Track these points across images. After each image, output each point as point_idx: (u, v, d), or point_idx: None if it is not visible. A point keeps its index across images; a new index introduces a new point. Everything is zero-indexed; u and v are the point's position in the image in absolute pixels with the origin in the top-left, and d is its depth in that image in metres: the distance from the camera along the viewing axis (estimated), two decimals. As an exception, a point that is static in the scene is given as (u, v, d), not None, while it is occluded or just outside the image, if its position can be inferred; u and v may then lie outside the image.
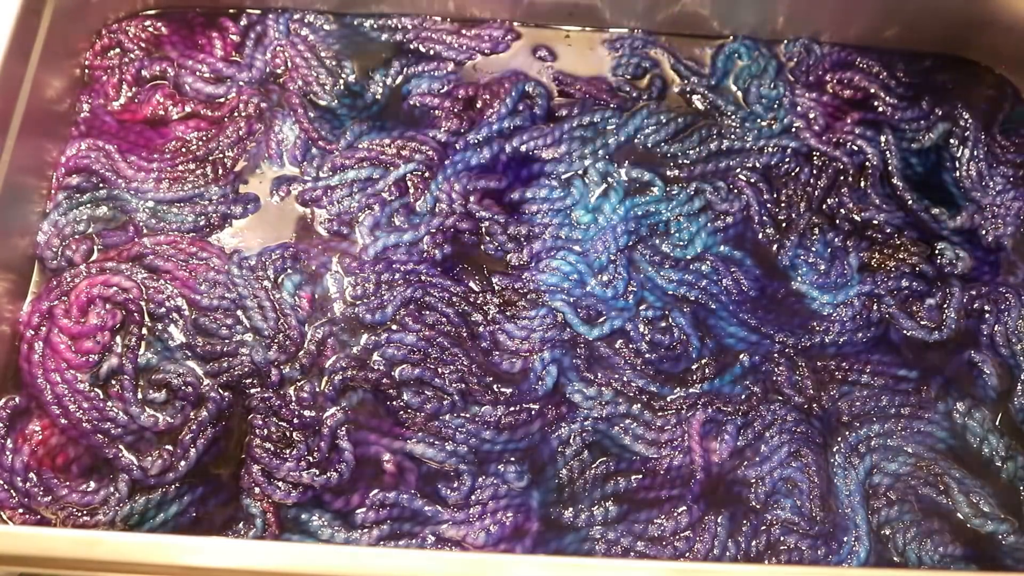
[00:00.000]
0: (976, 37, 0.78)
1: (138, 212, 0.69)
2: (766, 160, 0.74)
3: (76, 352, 0.64)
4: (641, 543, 0.61)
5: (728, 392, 0.66)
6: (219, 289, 0.66)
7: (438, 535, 0.60)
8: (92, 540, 0.51)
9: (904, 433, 0.65)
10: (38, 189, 0.69)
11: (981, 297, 0.70)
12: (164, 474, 0.61)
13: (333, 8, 0.78)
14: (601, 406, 0.65)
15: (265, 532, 0.60)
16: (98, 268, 0.66)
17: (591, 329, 0.67)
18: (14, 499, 0.60)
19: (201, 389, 0.63)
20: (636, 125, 0.75)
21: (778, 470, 0.63)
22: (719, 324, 0.68)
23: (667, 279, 0.69)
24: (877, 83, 0.78)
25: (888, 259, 0.71)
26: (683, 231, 0.71)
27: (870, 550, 0.61)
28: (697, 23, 0.79)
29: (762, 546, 0.61)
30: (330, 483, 0.61)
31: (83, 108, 0.73)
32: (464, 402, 0.64)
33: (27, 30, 0.67)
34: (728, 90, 0.78)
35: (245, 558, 0.50)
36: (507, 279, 0.68)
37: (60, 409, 0.62)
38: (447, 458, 0.62)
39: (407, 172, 0.71)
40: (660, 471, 0.63)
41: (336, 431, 0.62)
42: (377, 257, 0.68)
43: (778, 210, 0.73)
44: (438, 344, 0.65)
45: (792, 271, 0.70)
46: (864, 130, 0.75)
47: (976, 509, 0.63)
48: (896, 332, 0.69)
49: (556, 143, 0.74)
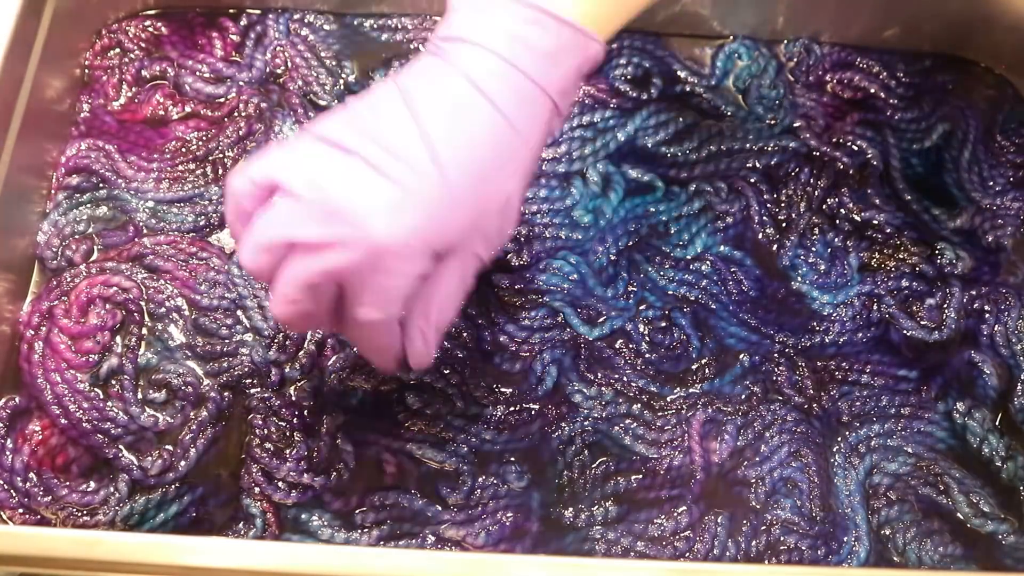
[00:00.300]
0: (976, 37, 0.78)
1: (138, 212, 0.69)
2: (766, 160, 0.74)
3: (76, 352, 0.64)
4: (641, 543, 0.61)
5: (728, 392, 0.66)
6: (219, 289, 0.66)
7: (438, 535, 0.60)
8: (92, 540, 0.51)
9: (904, 433, 0.65)
10: (38, 189, 0.69)
11: (981, 297, 0.70)
12: (164, 474, 0.61)
13: (333, 8, 0.78)
14: (601, 406, 0.65)
15: (265, 532, 0.60)
16: (98, 268, 0.66)
17: (591, 329, 0.67)
18: (14, 499, 0.60)
19: (201, 389, 0.63)
20: (636, 125, 0.75)
21: (778, 470, 0.63)
22: (719, 324, 0.68)
23: (667, 279, 0.69)
24: (877, 83, 0.78)
25: (888, 259, 0.71)
26: (683, 231, 0.71)
27: (870, 550, 0.61)
28: (697, 23, 0.79)
29: (762, 546, 0.61)
30: (330, 483, 0.61)
31: (83, 108, 0.73)
32: (464, 402, 0.64)
33: (27, 30, 0.67)
34: (728, 90, 0.78)
35: (245, 558, 0.50)
36: (507, 279, 0.68)
37: (60, 409, 0.62)
38: (447, 458, 0.62)
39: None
40: (660, 471, 0.63)
41: (336, 431, 0.62)
42: (377, 257, 0.68)
43: (778, 210, 0.73)
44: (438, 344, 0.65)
45: (792, 271, 0.71)
46: (864, 130, 0.75)
47: (976, 509, 0.63)
48: (896, 332, 0.69)
49: (556, 143, 0.74)
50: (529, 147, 0.53)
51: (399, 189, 0.49)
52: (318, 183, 0.49)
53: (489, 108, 0.51)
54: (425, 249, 0.50)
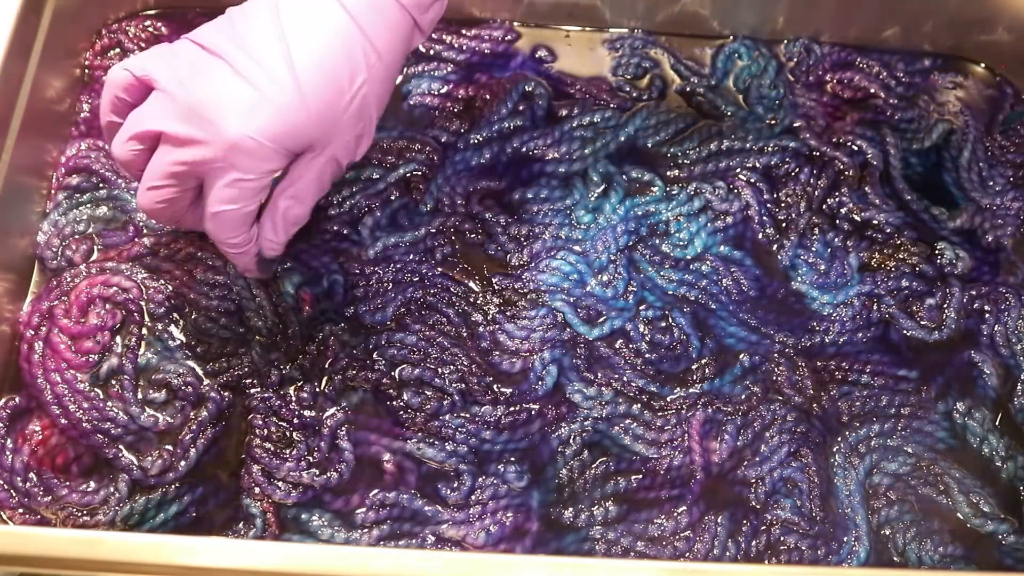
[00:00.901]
0: (976, 37, 0.78)
1: (138, 212, 0.69)
2: (766, 160, 0.74)
3: (76, 352, 0.64)
4: (641, 543, 0.61)
5: (728, 392, 0.66)
6: (219, 289, 0.66)
7: (438, 535, 0.60)
8: (92, 540, 0.51)
9: (904, 433, 0.65)
10: (38, 189, 0.69)
11: (981, 297, 0.70)
12: (164, 474, 0.61)
13: (333, 8, 0.78)
14: (601, 406, 0.65)
15: (265, 532, 0.60)
16: (98, 268, 0.66)
17: (591, 329, 0.67)
18: (14, 499, 0.60)
19: (201, 389, 0.63)
20: (636, 125, 0.75)
21: (778, 470, 0.63)
22: (719, 324, 0.68)
23: (667, 279, 0.69)
24: (877, 83, 0.78)
25: (888, 259, 0.71)
26: (683, 231, 0.71)
27: (870, 550, 0.61)
28: (697, 23, 0.79)
29: (762, 546, 0.61)
30: (330, 483, 0.61)
31: (83, 108, 0.73)
32: (464, 402, 0.64)
33: (27, 30, 0.67)
34: (728, 90, 0.78)
35: (245, 558, 0.50)
36: (507, 279, 0.68)
37: (60, 409, 0.62)
38: (447, 458, 0.62)
39: (407, 172, 0.71)
40: (660, 471, 0.63)
41: (336, 431, 0.62)
42: (377, 257, 0.68)
43: (778, 210, 0.73)
44: (438, 344, 0.65)
45: (792, 271, 0.71)
46: (864, 130, 0.75)
47: (976, 509, 0.63)
48: (896, 332, 0.69)
49: (556, 143, 0.74)
50: (384, 61, 0.58)
51: (256, 92, 0.54)
52: (185, 83, 0.55)
53: (344, 19, 0.56)
54: (278, 148, 0.55)
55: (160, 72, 0.56)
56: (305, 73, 0.55)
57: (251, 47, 0.55)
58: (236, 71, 0.55)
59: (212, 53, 0.56)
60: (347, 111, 0.57)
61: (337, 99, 0.56)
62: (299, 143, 0.57)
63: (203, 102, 0.54)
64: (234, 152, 0.54)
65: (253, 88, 0.54)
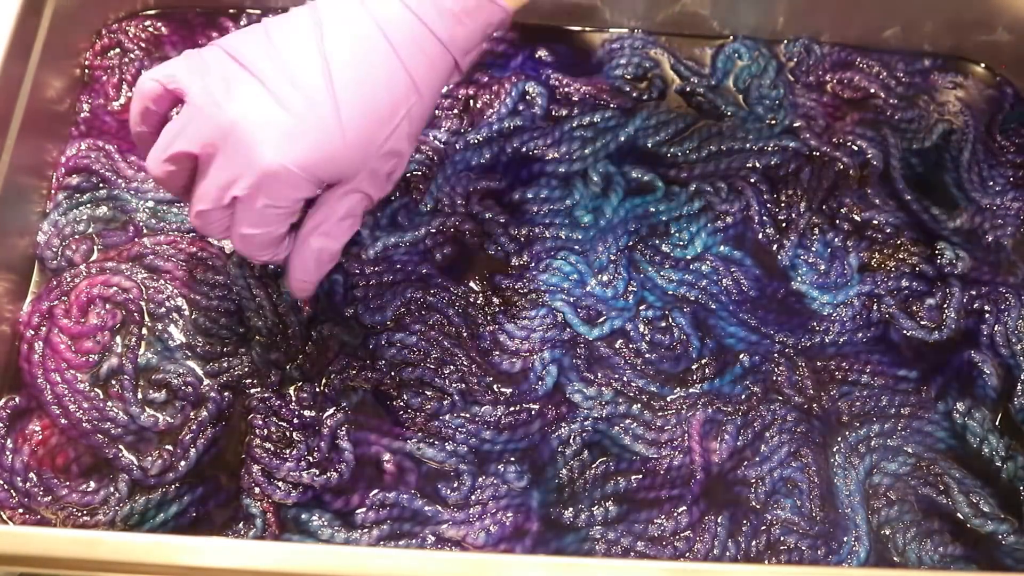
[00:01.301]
0: (976, 37, 0.78)
1: (138, 212, 0.69)
2: (766, 160, 0.74)
3: (76, 352, 0.64)
4: (641, 543, 0.61)
5: (728, 392, 0.66)
6: (219, 289, 0.66)
7: (438, 535, 0.60)
8: (92, 540, 0.51)
9: (904, 433, 0.65)
10: (38, 189, 0.69)
11: (981, 297, 0.70)
12: (164, 474, 0.61)
13: (333, 8, 0.78)
14: (601, 406, 0.65)
15: (265, 532, 0.60)
16: (98, 268, 0.66)
17: (591, 329, 0.67)
18: (14, 499, 0.60)
19: (201, 389, 0.63)
20: (636, 125, 0.75)
21: (778, 470, 0.63)
22: (719, 324, 0.68)
23: (667, 279, 0.69)
24: (877, 83, 0.78)
25: (888, 259, 0.71)
26: (683, 231, 0.71)
27: (870, 550, 0.61)
28: (697, 23, 0.79)
29: (762, 546, 0.61)
30: (330, 483, 0.61)
31: (83, 108, 0.73)
32: (464, 402, 0.64)
33: (27, 30, 0.67)
34: (728, 90, 0.78)
35: (245, 558, 0.50)
36: (507, 279, 0.68)
37: (60, 409, 0.62)
38: (447, 458, 0.62)
39: (407, 172, 0.71)
40: (660, 471, 0.63)
41: (336, 431, 0.62)
42: (377, 257, 0.68)
43: (778, 210, 0.73)
44: (438, 344, 0.65)
45: (792, 271, 0.71)
46: (864, 130, 0.75)
47: (976, 509, 0.63)
48: (896, 332, 0.69)
49: (556, 143, 0.74)
50: (423, 98, 0.56)
51: (292, 118, 0.52)
52: (219, 100, 0.52)
53: (390, 53, 0.54)
54: (310, 177, 0.53)
55: (192, 86, 0.53)
56: (346, 99, 0.52)
57: (291, 70, 0.52)
58: (273, 94, 0.52)
59: (246, 68, 0.53)
60: (384, 146, 0.55)
61: (376, 132, 0.54)
62: (332, 174, 0.54)
63: (236, 124, 0.52)
64: (266, 180, 0.52)
65: (291, 114, 0.52)
